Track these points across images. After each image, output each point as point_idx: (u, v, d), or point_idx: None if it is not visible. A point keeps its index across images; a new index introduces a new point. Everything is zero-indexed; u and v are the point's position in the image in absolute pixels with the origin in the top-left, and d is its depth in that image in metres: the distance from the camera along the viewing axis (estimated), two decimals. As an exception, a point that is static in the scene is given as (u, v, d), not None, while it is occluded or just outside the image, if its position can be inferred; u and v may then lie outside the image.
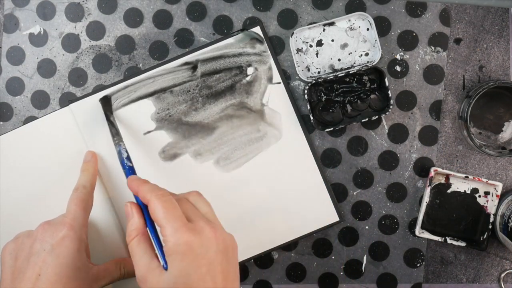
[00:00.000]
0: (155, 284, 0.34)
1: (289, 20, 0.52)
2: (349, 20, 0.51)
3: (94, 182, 0.47)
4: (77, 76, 0.52)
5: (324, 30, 0.51)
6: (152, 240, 0.37)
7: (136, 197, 0.39)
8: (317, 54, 0.51)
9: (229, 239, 0.37)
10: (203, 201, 0.39)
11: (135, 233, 0.37)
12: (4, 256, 0.43)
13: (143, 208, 0.38)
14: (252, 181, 0.51)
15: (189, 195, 0.39)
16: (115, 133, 0.46)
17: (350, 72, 0.50)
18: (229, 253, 0.36)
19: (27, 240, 0.42)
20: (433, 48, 0.52)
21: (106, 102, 0.50)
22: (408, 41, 0.52)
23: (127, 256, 0.50)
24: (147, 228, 0.38)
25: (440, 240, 0.51)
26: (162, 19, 0.52)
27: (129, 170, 0.42)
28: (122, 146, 0.44)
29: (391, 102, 0.50)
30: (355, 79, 0.51)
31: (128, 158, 0.43)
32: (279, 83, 0.51)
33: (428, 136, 0.52)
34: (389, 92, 0.50)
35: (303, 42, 0.51)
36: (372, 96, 0.51)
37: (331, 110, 0.51)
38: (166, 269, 0.34)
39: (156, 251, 0.36)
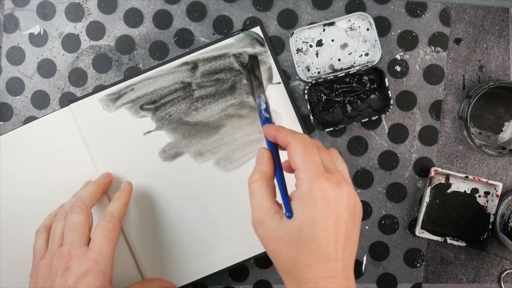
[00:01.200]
0: (273, 228, 0.33)
1: (289, 20, 0.52)
2: (349, 20, 0.51)
3: (123, 211, 0.46)
4: (77, 76, 0.52)
5: (324, 30, 0.51)
6: (278, 186, 0.36)
7: (269, 144, 0.38)
8: (317, 54, 0.51)
9: (359, 203, 0.35)
10: (341, 159, 0.37)
11: (260, 175, 0.35)
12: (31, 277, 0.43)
13: (274, 155, 0.37)
14: (252, 181, 0.51)
15: (328, 149, 0.37)
16: (257, 86, 0.45)
17: (350, 72, 0.50)
18: (356, 216, 0.34)
19: (49, 268, 0.42)
20: (433, 48, 0.52)
21: (254, 59, 0.49)
22: (408, 41, 0.52)
23: (138, 270, 0.50)
24: (275, 176, 0.36)
25: (440, 240, 0.51)
26: (162, 19, 0.52)
27: (266, 121, 0.41)
28: (262, 98, 0.42)
29: (391, 102, 0.50)
30: (355, 79, 0.51)
31: (267, 109, 0.41)
32: (279, 83, 0.51)
33: (428, 136, 0.52)
34: (389, 92, 0.50)
35: (303, 42, 0.51)
36: (372, 96, 0.51)
37: (331, 110, 0.51)
38: (288, 217, 0.33)
39: (281, 198, 0.35)
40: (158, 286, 0.48)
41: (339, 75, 0.50)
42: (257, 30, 0.51)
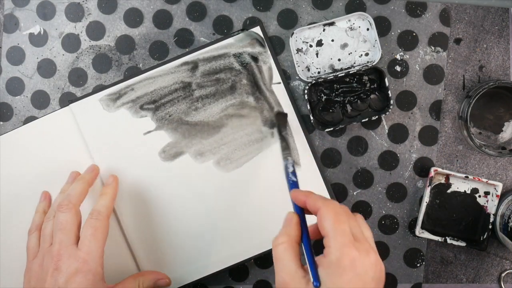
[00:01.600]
0: None
1: (289, 20, 0.52)
2: (349, 20, 0.51)
3: (111, 207, 0.46)
4: (77, 76, 0.52)
5: (324, 30, 0.51)
6: (305, 254, 0.36)
7: (296, 208, 0.38)
8: (317, 54, 0.51)
9: (383, 270, 0.35)
10: (366, 225, 0.38)
11: (286, 239, 0.35)
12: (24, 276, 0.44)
13: (301, 220, 0.37)
14: (252, 181, 0.51)
15: (354, 215, 0.38)
16: (285, 148, 0.45)
17: (350, 72, 0.50)
18: (380, 284, 0.35)
19: (41, 268, 0.42)
20: (433, 48, 0.52)
21: (282, 118, 0.49)
22: (408, 41, 0.52)
23: (138, 271, 0.50)
24: (302, 242, 0.36)
25: (440, 240, 0.51)
26: (162, 19, 0.52)
27: (293, 185, 0.41)
28: (289, 161, 0.42)
29: (391, 102, 0.50)
30: (355, 79, 0.51)
31: (294, 173, 0.41)
32: (279, 83, 0.51)
33: (428, 136, 0.52)
34: (389, 92, 0.50)
35: (303, 42, 0.51)
36: (372, 96, 0.51)
37: (331, 110, 0.51)
38: (316, 286, 0.33)
39: (307, 266, 0.35)
40: (151, 278, 0.48)
41: (339, 75, 0.50)
42: (257, 30, 0.51)
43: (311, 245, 0.36)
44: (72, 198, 0.44)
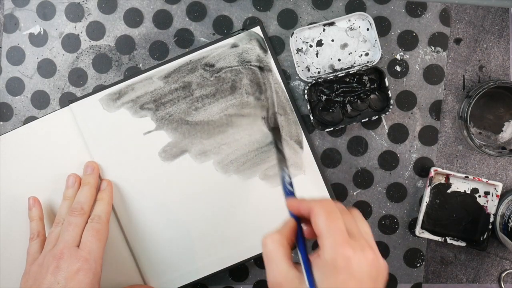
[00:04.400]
0: None
1: (289, 20, 0.52)
2: (349, 20, 0.51)
3: (109, 211, 0.48)
4: (77, 76, 0.52)
5: (324, 30, 0.51)
6: (300, 256, 0.35)
7: (292, 215, 0.37)
8: (317, 54, 0.51)
9: (383, 267, 0.34)
10: (363, 220, 0.36)
11: (277, 236, 0.35)
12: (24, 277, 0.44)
13: (298, 228, 0.36)
14: (252, 181, 0.51)
15: (350, 210, 0.37)
16: (281, 159, 0.45)
17: (350, 72, 0.50)
18: (378, 282, 0.34)
19: (40, 267, 0.43)
20: (433, 48, 0.52)
21: (277, 132, 0.50)
22: (408, 41, 0.52)
23: (138, 282, 0.51)
24: (297, 244, 0.36)
25: (440, 240, 0.51)
26: (162, 19, 0.52)
27: (289, 194, 0.40)
28: (285, 172, 0.42)
29: (391, 102, 0.50)
30: (355, 79, 0.51)
31: (291, 184, 0.41)
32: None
33: (428, 136, 0.52)
34: (389, 92, 0.50)
35: (303, 42, 0.51)
36: (372, 96, 0.51)
37: (331, 110, 0.51)
38: (310, 286, 0.33)
39: (302, 267, 0.34)
40: None
41: (339, 75, 0.50)
42: (257, 30, 0.51)
43: (307, 252, 0.35)
44: (84, 205, 0.46)
